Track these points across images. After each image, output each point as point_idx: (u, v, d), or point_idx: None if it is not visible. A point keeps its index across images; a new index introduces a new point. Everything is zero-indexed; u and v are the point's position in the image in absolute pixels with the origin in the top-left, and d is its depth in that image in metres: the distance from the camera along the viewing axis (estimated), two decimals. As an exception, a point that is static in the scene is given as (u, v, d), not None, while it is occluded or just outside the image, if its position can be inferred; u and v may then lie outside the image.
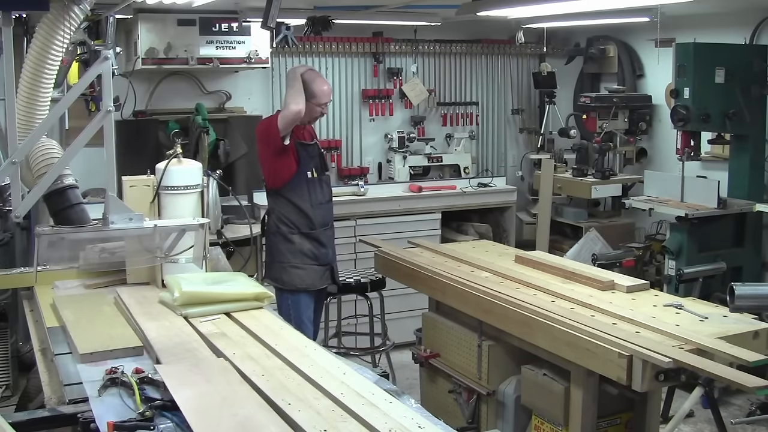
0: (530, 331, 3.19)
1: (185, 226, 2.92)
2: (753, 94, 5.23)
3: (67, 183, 2.58)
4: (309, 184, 4.16)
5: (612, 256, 5.30)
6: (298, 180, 4.13)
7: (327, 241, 4.22)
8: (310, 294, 4.18)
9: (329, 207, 4.28)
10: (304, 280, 4.14)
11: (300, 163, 4.13)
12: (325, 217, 4.22)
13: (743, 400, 4.67)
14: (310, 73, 4.14)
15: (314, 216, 4.15)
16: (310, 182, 4.16)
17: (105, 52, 2.56)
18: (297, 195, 4.14)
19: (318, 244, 4.17)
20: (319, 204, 4.18)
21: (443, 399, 3.93)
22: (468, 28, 6.68)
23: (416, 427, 1.98)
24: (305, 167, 4.15)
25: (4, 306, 4.81)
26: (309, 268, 4.15)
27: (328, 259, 4.23)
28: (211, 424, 2.00)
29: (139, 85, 5.56)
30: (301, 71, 4.11)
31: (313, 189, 4.17)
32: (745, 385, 2.46)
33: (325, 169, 4.30)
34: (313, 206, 4.15)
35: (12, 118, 2.44)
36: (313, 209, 4.15)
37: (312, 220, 4.15)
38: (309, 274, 4.15)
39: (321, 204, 4.20)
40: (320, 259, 4.18)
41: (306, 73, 4.10)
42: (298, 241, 4.15)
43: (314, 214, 4.15)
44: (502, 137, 7.18)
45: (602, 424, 3.19)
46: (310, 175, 4.16)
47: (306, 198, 4.15)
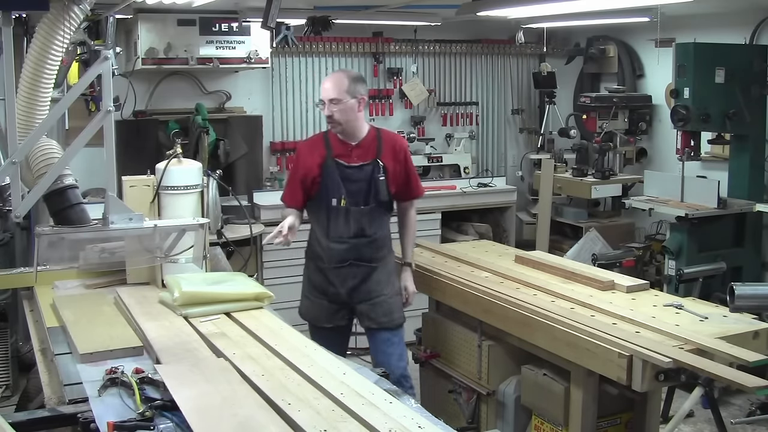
0: (530, 331, 3.19)
1: (185, 226, 2.92)
2: (753, 94, 5.23)
3: (67, 183, 2.58)
4: (330, 213, 3.57)
5: (612, 256, 5.30)
6: (317, 205, 3.61)
7: (339, 281, 3.61)
8: (318, 329, 3.67)
9: (356, 245, 3.57)
10: (309, 311, 3.73)
11: (322, 186, 3.58)
12: (343, 254, 3.58)
13: (743, 400, 4.67)
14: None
15: (327, 250, 3.60)
16: (332, 211, 3.56)
17: (105, 52, 2.55)
18: (315, 222, 3.67)
19: (326, 282, 3.65)
20: (338, 238, 3.57)
21: (443, 399, 3.93)
22: (468, 28, 6.68)
23: (416, 427, 1.98)
24: (329, 192, 3.56)
25: (4, 306, 4.81)
26: (316, 301, 3.70)
27: (340, 299, 3.64)
28: (211, 424, 2.00)
29: (139, 85, 5.56)
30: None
31: (335, 220, 3.57)
32: (745, 385, 2.47)
33: (369, 200, 3.57)
34: (330, 239, 3.58)
35: (12, 118, 2.43)
36: (328, 243, 3.58)
37: (322, 255, 3.63)
38: (315, 307, 3.70)
39: (341, 239, 3.57)
40: (329, 296, 3.65)
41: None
42: (311, 270, 3.72)
43: (328, 248, 3.59)
44: (502, 137, 7.18)
45: (602, 424, 3.19)
46: (335, 203, 3.55)
47: (323, 228, 3.61)
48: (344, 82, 3.52)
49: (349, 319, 3.73)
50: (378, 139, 3.63)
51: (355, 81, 3.55)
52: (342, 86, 3.51)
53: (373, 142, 3.62)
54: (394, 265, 3.77)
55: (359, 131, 3.61)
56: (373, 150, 3.61)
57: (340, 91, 3.50)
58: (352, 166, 3.58)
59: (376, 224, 3.62)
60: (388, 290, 3.67)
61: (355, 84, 3.54)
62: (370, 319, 3.64)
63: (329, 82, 3.57)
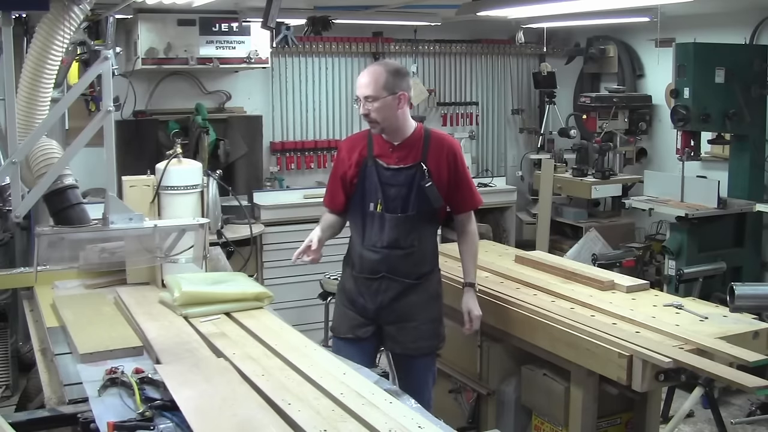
0: (530, 331, 3.19)
1: (185, 226, 2.92)
2: (753, 94, 5.23)
3: (67, 183, 2.58)
4: (366, 218, 3.23)
5: (612, 256, 5.30)
6: (354, 209, 3.28)
7: (369, 294, 3.25)
8: (338, 340, 3.34)
9: (389, 256, 3.20)
10: (334, 321, 3.42)
11: (358, 188, 3.25)
12: (376, 265, 3.21)
13: (743, 400, 4.66)
14: None
15: (360, 258, 3.27)
16: (368, 217, 3.22)
17: (105, 52, 2.55)
18: (353, 226, 3.34)
19: (357, 292, 3.29)
20: (372, 247, 3.22)
21: (443, 399, 3.93)
22: (468, 28, 6.68)
23: (416, 427, 1.98)
24: (366, 196, 3.23)
25: (4, 306, 4.81)
26: (342, 309, 3.35)
27: (368, 314, 3.26)
28: (211, 424, 2.00)
29: (139, 85, 5.56)
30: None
31: (370, 226, 3.22)
32: (745, 385, 2.47)
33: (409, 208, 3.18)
34: (364, 247, 3.24)
35: (12, 118, 2.43)
36: (362, 250, 3.25)
37: (356, 262, 3.30)
38: (339, 315, 3.36)
39: (375, 248, 3.21)
40: (357, 308, 3.29)
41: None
42: (346, 277, 3.38)
43: (361, 256, 3.26)
44: (502, 137, 7.19)
45: (602, 424, 3.18)
46: (372, 208, 3.21)
47: (359, 234, 3.28)
48: (382, 77, 3.10)
49: (374, 335, 3.28)
50: (425, 140, 3.21)
51: (395, 75, 3.13)
52: (379, 82, 3.10)
53: (419, 143, 3.20)
54: (438, 288, 3.34)
55: (402, 130, 3.20)
56: (418, 151, 3.19)
57: (377, 87, 3.09)
58: (391, 168, 3.19)
59: (415, 235, 3.20)
60: (424, 316, 3.24)
61: (395, 78, 3.12)
62: (396, 342, 3.24)
63: (365, 77, 3.15)
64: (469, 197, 3.30)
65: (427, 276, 3.29)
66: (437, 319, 3.32)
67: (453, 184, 3.23)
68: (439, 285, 3.36)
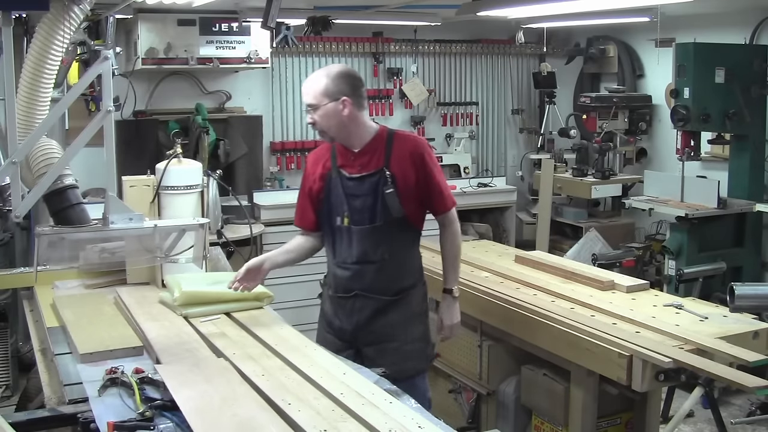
0: (530, 331, 3.19)
1: (185, 226, 2.92)
2: (753, 94, 5.23)
3: (67, 183, 2.58)
4: (335, 233, 3.04)
5: (612, 256, 5.30)
6: (324, 225, 3.08)
7: (344, 314, 3.05)
8: None
9: (360, 272, 2.99)
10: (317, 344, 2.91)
11: (324, 203, 3.05)
12: (348, 282, 3.02)
13: (743, 400, 4.67)
14: None
15: (333, 277, 3.09)
16: (337, 232, 3.03)
17: (105, 52, 2.56)
18: (326, 244, 3.13)
19: (333, 313, 3.10)
20: (342, 263, 3.03)
21: (443, 399, 3.93)
22: (468, 28, 6.68)
23: (416, 427, 1.98)
24: (333, 210, 3.03)
25: (4, 306, 4.82)
26: (323, 333, 3.15)
27: (345, 336, 3.05)
28: (211, 424, 2.00)
29: (139, 85, 5.56)
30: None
31: (340, 242, 3.03)
32: (745, 385, 2.47)
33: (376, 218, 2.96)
34: (336, 264, 3.05)
35: (12, 118, 2.44)
36: (335, 268, 3.06)
37: (330, 281, 3.13)
38: (320, 341, 2.99)
39: (345, 264, 3.02)
40: (335, 331, 3.09)
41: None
42: (324, 298, 3.22)
43: (334, 274, 3.08)
44: (502, 137, 7.18)
45: (602, 424, 3.19)
46: (339, 222, 3.01)
47: (330, 251, 3.09)
48: (320, 84, 2.91)
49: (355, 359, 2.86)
50: (387, 143, 2.98)
51: (336, 80, 2.91)
52: (317, 89, 2.91)
53: (381, 147, 2.98)
54: (423, 304, 3.10)
55: (359, 136, 2.99)
56: (380, 156, 2.97)
57: (316, 94, 2.91)
58: (353, 178, 2.99)
59: (385, 247, 2.97)
60: (405, 336, 3.00)
61: (337, 83, 2.90)
62: (377, 365, 2.70)
63: (305, 85, 2.97)
64: (439, 198, 3.06)
65: (408, 291, 3.04)
66: (422, 338, 3.06)
67: (423, 185, 3.00)
68: (424, 301, 3.10)
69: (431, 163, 3.03)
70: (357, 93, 2.95)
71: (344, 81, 2.93)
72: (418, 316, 3.07)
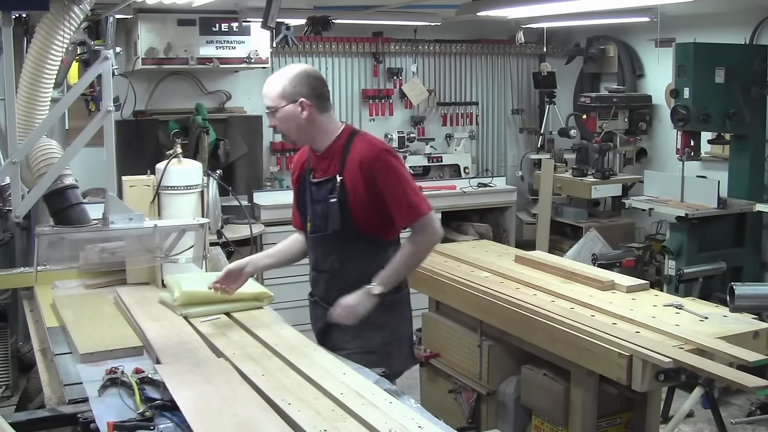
0: (530, 331, 3.19)
1: (185, 226, 2.92)
2: (753, 94, 5.23)
3: (67, 183, 2.58)
4: (310, 241, 3.01)
5: (612, 256, 5.30)
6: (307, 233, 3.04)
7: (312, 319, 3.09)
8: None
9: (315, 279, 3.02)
10: None
11: (300, 205, 3.04)
12: (311, 287, 3.06)
13: (743, 400, 4.67)
14: None
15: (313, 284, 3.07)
16: (307, 237, 3.02)
17: (105, 52, 2.56)
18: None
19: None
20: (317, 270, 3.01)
21: (443, 399, 3.93)
22: (468, 28, 6.68)
23: (416, 427, 1.98)
24: (304, 214, 3.00)
25: (4, 306, 4.82)
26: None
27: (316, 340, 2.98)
28: (211, 424, 2.00)
29: (139, 85, 5.57)
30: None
31: (308, 246, 3.03)
32: (745, 385, 2.46)
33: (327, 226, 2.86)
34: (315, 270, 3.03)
35: (12, 118, 2.44)
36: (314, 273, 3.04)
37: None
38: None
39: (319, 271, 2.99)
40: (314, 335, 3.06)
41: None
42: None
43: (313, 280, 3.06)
44: (502, 137, 7.19)
45: (602, 424, 3.18)
46: (307, 227, 2.99)
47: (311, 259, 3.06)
48: (278, 86, 2.81)
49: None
50: (345, 148, 2.84)
51: (293, 81, 2.81)
52: (275, 91, 2.81)
53: (338, 152, 2.85)
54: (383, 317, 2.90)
55: (319, 140, 2.88)
56: (337, 162, 2.84)
57: (273, 96, 2.82)
58: (314, 182, 2.91)
59: (335, 257, 2.89)
60: (355, 344, 2.85)
61: (294, 84, 2.80)
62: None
63: (264, 87, 2.88)
64: (398, 210, 2.82)
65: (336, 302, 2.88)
66: (376, 350, 2.87)
67: (376, 196, 2.80)
68: (386, 314, 2.89)
69: (384, 172, 2.79)
70: (316, 94, 2.83)
71: (302, 82, 2.82)
72: (376, 328, 2.88)
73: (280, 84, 2.82)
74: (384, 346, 2.91)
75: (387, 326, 2.92)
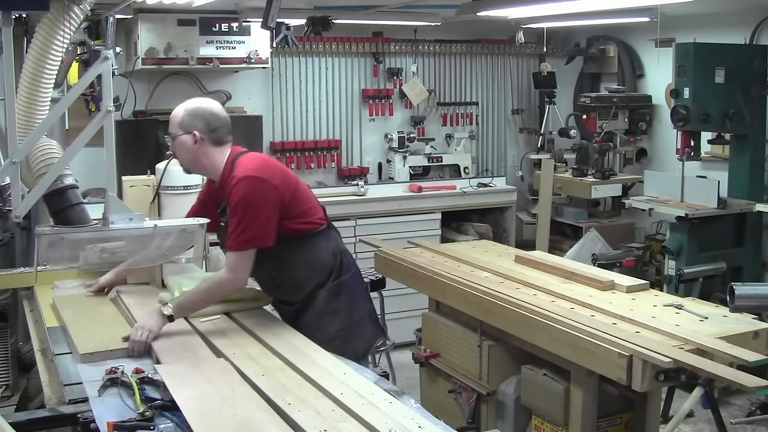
0: (530, 331, 3.18)
1: (185, 226, 2.92)
2: (753, 94, 5.23)
3: (67, 183, 2.58)
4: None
5: (612, 256, 5.30)
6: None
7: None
8: None
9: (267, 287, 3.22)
10: None
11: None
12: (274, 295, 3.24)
13: (743, 400, 4.67)
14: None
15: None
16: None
17: (105, 52, 2.56)
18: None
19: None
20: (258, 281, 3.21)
21: (443, 399, 3.93)
22: (468, 28, 6.68)
23: (416, 427, 1.98)
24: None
25: (4, 306, 4.81)
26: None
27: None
28: (211, 424, 2.00)
29: (139, 85, 5.57)
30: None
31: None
32: (745, 385, 2.46)
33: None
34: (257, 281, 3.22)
35: (12, 118, 2.44)
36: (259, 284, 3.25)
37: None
38: None
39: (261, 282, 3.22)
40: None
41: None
42: None
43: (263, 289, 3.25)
44: (502, 137, 7.19)
45: (602, 424, 3.18)
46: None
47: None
48: (178, 115, 2.98)
49: None
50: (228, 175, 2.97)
51: (191, 113, 2.98)
52: (175, 120, 2.99)
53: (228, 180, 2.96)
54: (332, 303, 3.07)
55: (212, 173, 3.06)
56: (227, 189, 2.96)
57: (173, 123, 2.99)
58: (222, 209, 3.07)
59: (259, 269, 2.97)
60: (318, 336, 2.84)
61: (191, 117, 2.97)
62: None
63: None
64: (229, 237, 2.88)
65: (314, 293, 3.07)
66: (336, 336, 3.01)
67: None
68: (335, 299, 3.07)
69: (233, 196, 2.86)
70: (210, 129, 2.98)
71: (199, 117, 2.97)
72: (331, 314, 3.04)
73: (179, 114, 2.98)
74: (343, 330, 3.05)
75: (340, 310, 3.07)
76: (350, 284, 3.15)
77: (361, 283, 3.28)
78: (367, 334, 3.21)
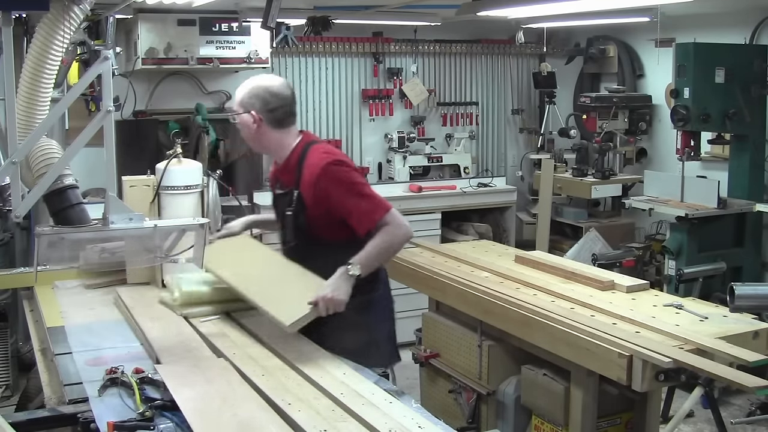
0: (530, 331, 3.19)
1: (185, 226, 2.92)
2: (753, 94, 5.23)
3: (67, 183, 2.58)
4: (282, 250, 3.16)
5: (612, 256, 5.30)
6: None
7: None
8: None
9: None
10: None
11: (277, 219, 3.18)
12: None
13: (743, 400, 4.67)
14: None
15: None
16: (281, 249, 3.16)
17: (105, 52, 2.55)
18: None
19: None
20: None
21: (443, 399, 3.93)
22: (468, 28, 6.68)
23: (416, 427, 1.98)
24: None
25: (4, 306, 4.82)
26: None
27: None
28: (211, 424, 2.00)
29: (139, 85, 5.56)
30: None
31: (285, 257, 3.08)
32: (745, 385, 2.46)
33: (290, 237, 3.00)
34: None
35: (12, 118, 2.43)
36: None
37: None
38: None
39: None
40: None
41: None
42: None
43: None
44: (502, 137, 7.18)
45: (602, 424, 3.18)
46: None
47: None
48: (243, 91, 2.94)
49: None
50: (299, 162, 2.90)
51: (252, 93, 2.92)
52: (239, 94, 2.95)
53: (294, 166, 2.92)
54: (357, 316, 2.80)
55: (275, 153, 3.03)
56: (294, 176, 2.92)
57: (236, 100, 2.96)
58: (276, 193, 3.05)
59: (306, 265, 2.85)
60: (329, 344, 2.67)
61: (251, 97, 2.91)
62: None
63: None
64: (354, 222, 2.81)
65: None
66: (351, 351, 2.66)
67: (332, 211, 2.83)
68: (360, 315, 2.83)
69: (333, 186, 2.81)
70: (268, 109, 2.90)
71: (260, 97, 2.91)
72: (351, 328, 2.80)
73: (242, 92, 2.94)
74: (360, 347, 2.77)
75: (362, 327, 2.87)
76: (378, 302, 3.01)
77: (388, 303, 3.10)
78: (384, 356, 2.97)
